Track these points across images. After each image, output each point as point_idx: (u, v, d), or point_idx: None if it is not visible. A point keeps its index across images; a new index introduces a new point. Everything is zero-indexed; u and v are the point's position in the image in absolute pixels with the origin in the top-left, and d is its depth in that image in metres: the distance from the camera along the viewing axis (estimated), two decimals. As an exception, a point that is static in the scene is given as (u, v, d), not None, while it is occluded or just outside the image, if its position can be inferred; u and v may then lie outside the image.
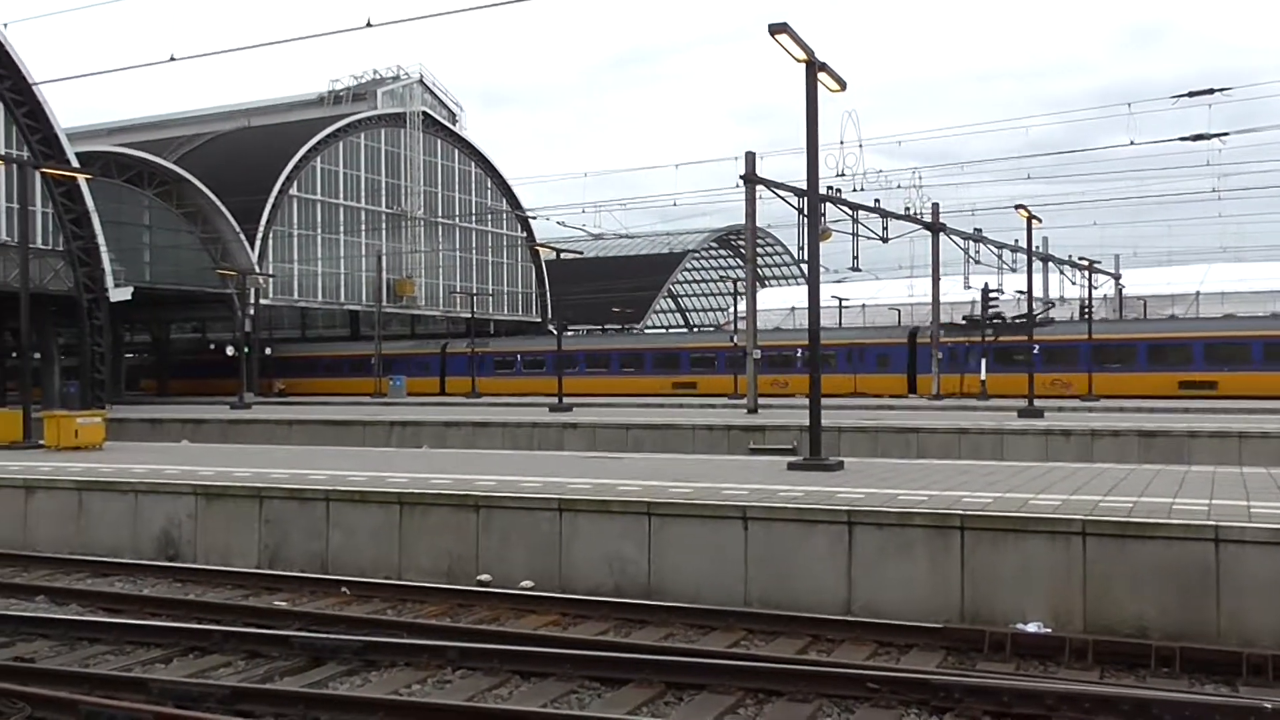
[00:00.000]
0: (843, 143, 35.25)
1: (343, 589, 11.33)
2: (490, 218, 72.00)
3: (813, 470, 14.33)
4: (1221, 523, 9.06)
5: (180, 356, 67.71)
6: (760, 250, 74.73)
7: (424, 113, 66.94)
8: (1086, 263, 47.05)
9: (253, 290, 52.62)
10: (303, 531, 12.74)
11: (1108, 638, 8.76)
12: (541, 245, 62.10)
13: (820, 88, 15.32)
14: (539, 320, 74.32)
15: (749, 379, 33.61)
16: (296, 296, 60.46)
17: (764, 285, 76.00)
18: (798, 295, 62.01)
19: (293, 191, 59.04)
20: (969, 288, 45.81)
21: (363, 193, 63.71)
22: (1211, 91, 29.47)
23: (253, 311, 53.19)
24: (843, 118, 41.07)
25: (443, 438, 29.47)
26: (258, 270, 53.39)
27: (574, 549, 11.30)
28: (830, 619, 9.58)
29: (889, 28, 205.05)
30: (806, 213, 19.43)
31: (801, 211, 30.97)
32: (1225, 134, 31.64)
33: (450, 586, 11.20)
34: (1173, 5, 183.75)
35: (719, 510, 10.80)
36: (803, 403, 17.71)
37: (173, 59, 20.11)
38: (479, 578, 11.58)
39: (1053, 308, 47.82)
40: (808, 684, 7.56)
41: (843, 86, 15.82)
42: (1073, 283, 51.67)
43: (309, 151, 59.46)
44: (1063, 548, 9.41)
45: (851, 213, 36.97)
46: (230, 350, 48.08)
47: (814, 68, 15.09)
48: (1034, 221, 32.61)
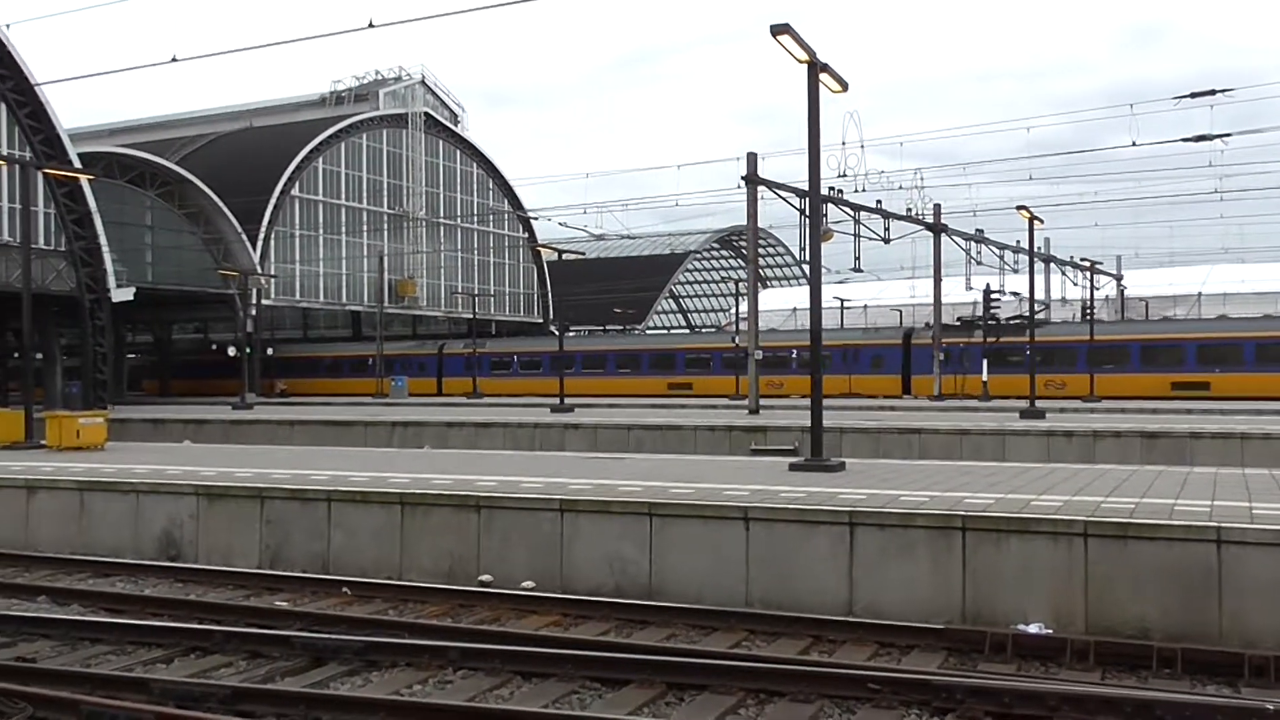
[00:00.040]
0: (844, 143, 35.27)
1: (344, 589, 11.33)
2: (492, 218, 72.04)
3: (814, 471, 14.33)
4: (1224, 524, 9.06)
5: (182, 357, 67.74)
6: (762, 251, 74.87)
7: (426, 113, 66.98)
8: (1088, 264, 47.01)
9: (254, 291, 52.62)
10: (304, 532, 12.75)
11: (1109, 639, 8.76)
12: (543, 246, 62.16)
13: (822, 89, 15.33)
14: (541, 321, 74.32)
15: (750, 380, 33.58)
16: (298, 297, 60.50)
17: (766, 286, 76.02)
18: (799, 296, 61.92)
19: (295, 192, 59.08)
20: (971, 289, 45.83)
21: (364, 193, 63.75)
22: (1214, 92, 29.47)
23: (254, 312, 53.29)
24: (844, 118, 41.12)
25: (444, 438, 29.48)
26: (259, 271, 53.40)
27: (575, 549, 11.31)
28: (832, 620, 9.58)
29: (890, 28, 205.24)
30: (808, 213, 19.43)
31: (803, 212, 30.99)
32: (1228, 135, 31.62)
33: (451, 587, 11.20)
34: (1174, 5, 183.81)
35: (720, 511, 10.80)
36: (801, 403, 17.71)
37: (175, 60, 20.12)
38: (480, 578, 11.58)
39: (1046, 309, 47.75)
40: (809, 685, 7.56)
41: (844, 87, 15.82)
42: (1074, 284, 51.61)
43: (311, 152, 59.50)
44: (1065, 549, 9.41)
45: (853, 213, 36.97)
46: (232, 351, 48.06)
47: (816, 69, 15.09)
48: (1036, 222, 32.60)
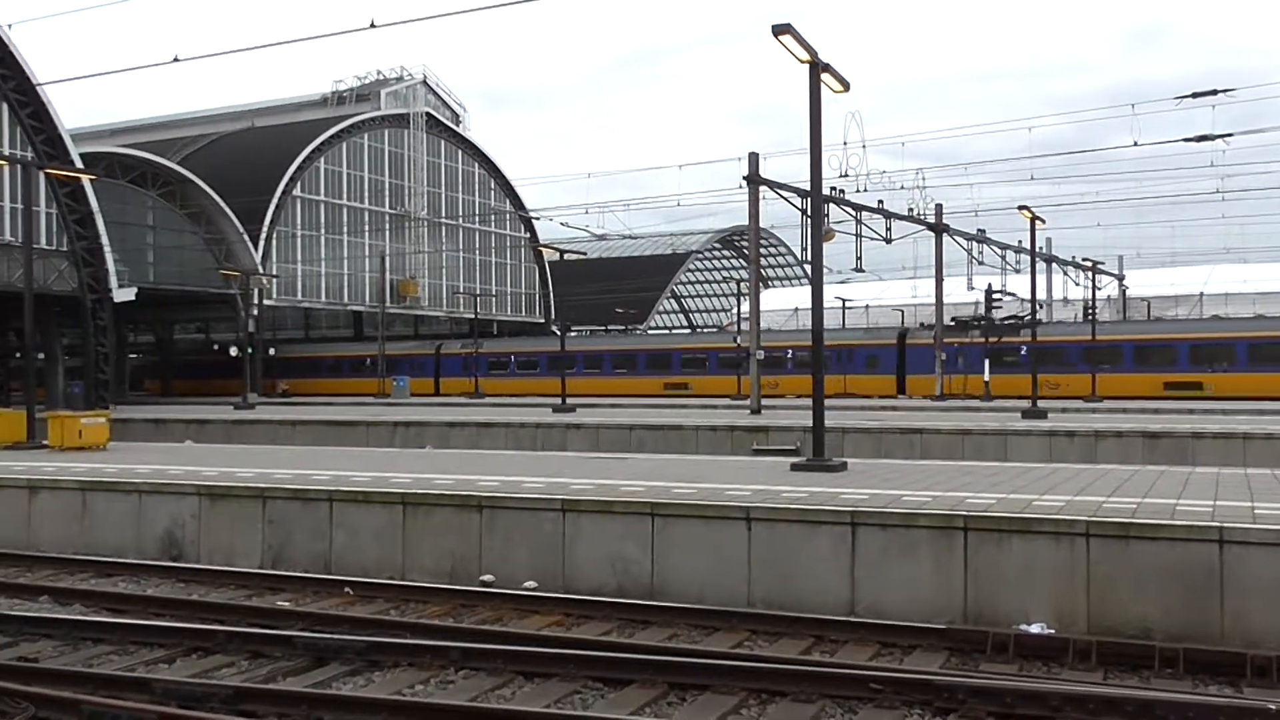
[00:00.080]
0: (846, 143, 35.28)
1: (346, 589, 11.34)
2: (493, 218, 72.04)
3: (816, 471, 14.33)
4: (1226, 524, 9.05)
5: (184, 357, 67.74)
6: (763, 251, 74.73)
7: (427, 113, 66.98)
8: (1090, 264, 46.97)
9: (256, 291, 52.60)
10: (306, 532, 12.75)
11: (1111, 639, 8.75)
12: (545, 246, 62.16)
13: (823, 89, 15.32)
14: (542, 321, 74.31)
15: (752, 380, 33.59)
16: (300, 297, 60.51)
17: (767, 286, 75.94)
18: (801, 296, 61.84)
19: (296, 192, 59.10)
20: (972, 289, 45.83)
21: (366, 193, 63.76)
22: (1215, 93, 29.45)
23: (256, 312, 53.24)
24: (846, 118, 40.93)
25: (446, 438, 29.48)
26: (261, 271, 53.43)
27: (577, 549, 11.30)
28: (833, 620, 9.57)
29: (891, 28, 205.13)
30: (810, 213, 19.40)
31: (805, 212, 30.93)
32: (1229, 135, 31.60)
33: (453, 587, 11.20)
34: (1175, 5, 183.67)
35: (722, 511, 10.79)
36: (802, 403, 17.70)
37: (176, 60, 20.13)
38: (482, 578, 11.58)
39: (1040, 309, 47.74)
40: (811, 685, 7.56)
41: (846, 87, 15.81)
42: (1076, 284, 51.58)
43: (312, 152, 59.52)
44: (1066, 549, 9.40)
45: (855, 213, 36.92)
46: (234, 351, 48.04)
47: (817, 69, 15.08)
48: (1037, 222, 32.56)
